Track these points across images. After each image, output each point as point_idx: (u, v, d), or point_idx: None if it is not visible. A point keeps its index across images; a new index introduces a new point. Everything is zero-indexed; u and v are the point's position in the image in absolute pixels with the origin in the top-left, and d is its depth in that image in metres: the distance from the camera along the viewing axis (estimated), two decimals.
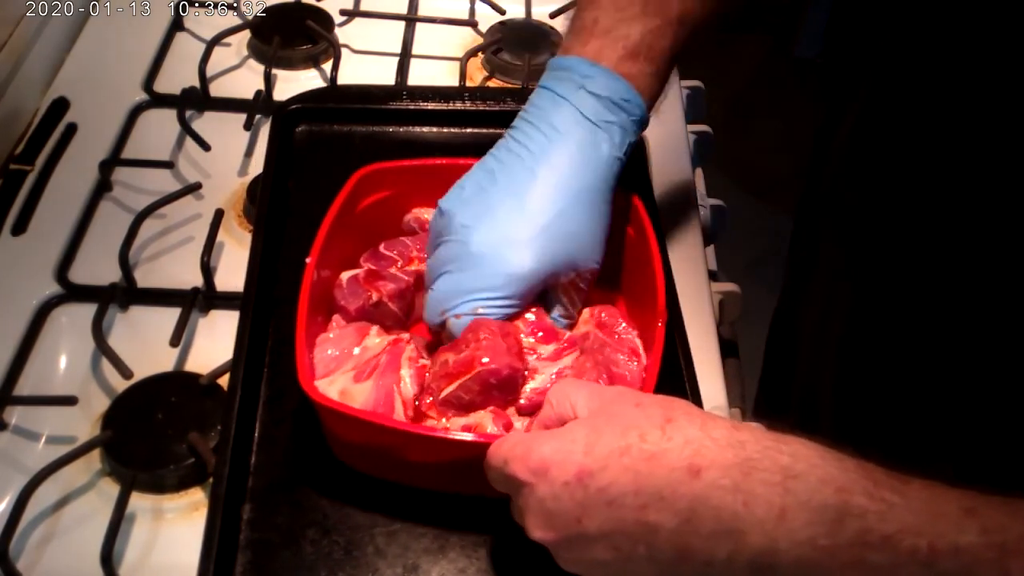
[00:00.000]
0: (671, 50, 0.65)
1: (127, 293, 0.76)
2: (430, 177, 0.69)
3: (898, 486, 0.42)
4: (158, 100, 0.93)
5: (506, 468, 0.50)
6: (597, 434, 0.47)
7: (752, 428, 0.46)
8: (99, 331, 0.72)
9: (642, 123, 0.65)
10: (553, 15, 1.05)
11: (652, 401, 0.49)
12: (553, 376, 0.60)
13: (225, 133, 0.89)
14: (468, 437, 0.56)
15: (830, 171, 0.77)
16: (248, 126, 0.89)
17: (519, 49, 0.99)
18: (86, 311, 0.74)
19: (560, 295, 0.64)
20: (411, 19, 1.04)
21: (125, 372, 0.69)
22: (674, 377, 0.65)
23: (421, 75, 0.99)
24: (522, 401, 0.60)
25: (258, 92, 0.92)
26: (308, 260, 0.63)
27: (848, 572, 0.42)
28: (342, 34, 1.02)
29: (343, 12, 1.04)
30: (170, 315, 0.74)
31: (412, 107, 0.82)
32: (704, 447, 0.44)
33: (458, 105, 0.82)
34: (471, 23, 1.04)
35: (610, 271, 0.68)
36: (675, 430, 0.46)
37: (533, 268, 0.61)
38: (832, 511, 0.42)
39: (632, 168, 0.66)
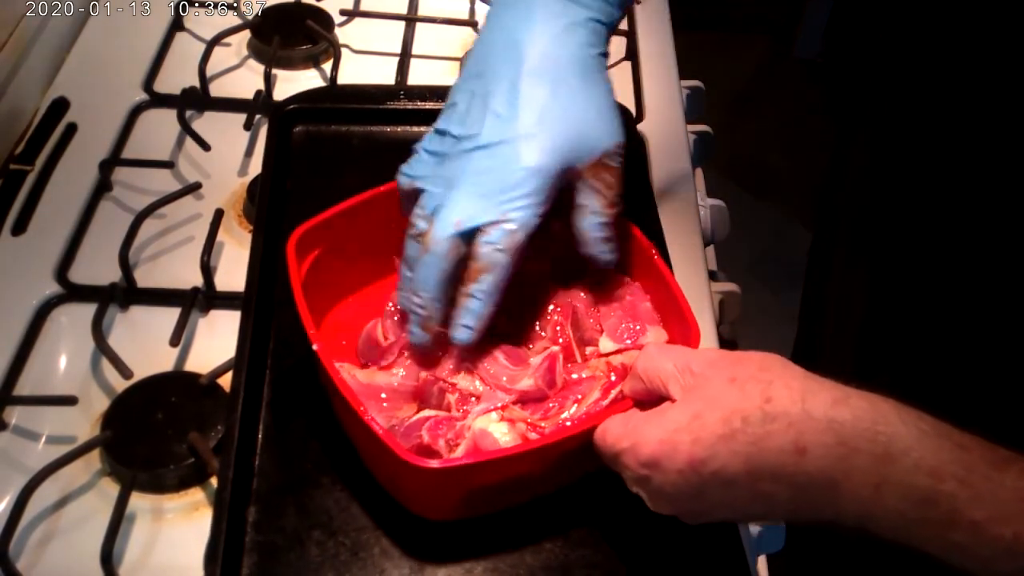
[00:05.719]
0: None
1: (127, 293, 0.76)
2: (359, 217, 0.66)
3: (992, 474, 0.43)
4: (158, 100, 0.93)
5: (619, 460, 0.52)
6: (700, 421, 0.48)
7: (851, 405, 0.46)
8: (99, 331, 0.71)
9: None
10: None
11: (747, 375, 0.49)
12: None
13: (225, 133, 0.89)
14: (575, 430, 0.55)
15: (848, 184, 0.77)
16: (248, 126, 0.89)
17: None
18: (86, 311, 0.74)
19: (590, 184, 0.60)
20: (411, 19, 1.04)
21: (125, 372, 0.69)
22: None
23: (421, 75, 0.98)
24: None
25: (258, 92, 0.92)
26: (315, 347, 0.58)
27: (931, 544, 0.44)
28: (342, 34, 1.02)
29: (343, 12, 1.04)
30: (170, 315, 0.73)
31: (410, 107, 0.82)
32: (806, 429, 0.46)
33: None
34: (471, 23, 1.04)
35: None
36: (776, 409, 0.47)
37: (544, 161, 0.57)
38: (922, 492, 0.44)
39: (632, 168, 0.65)
